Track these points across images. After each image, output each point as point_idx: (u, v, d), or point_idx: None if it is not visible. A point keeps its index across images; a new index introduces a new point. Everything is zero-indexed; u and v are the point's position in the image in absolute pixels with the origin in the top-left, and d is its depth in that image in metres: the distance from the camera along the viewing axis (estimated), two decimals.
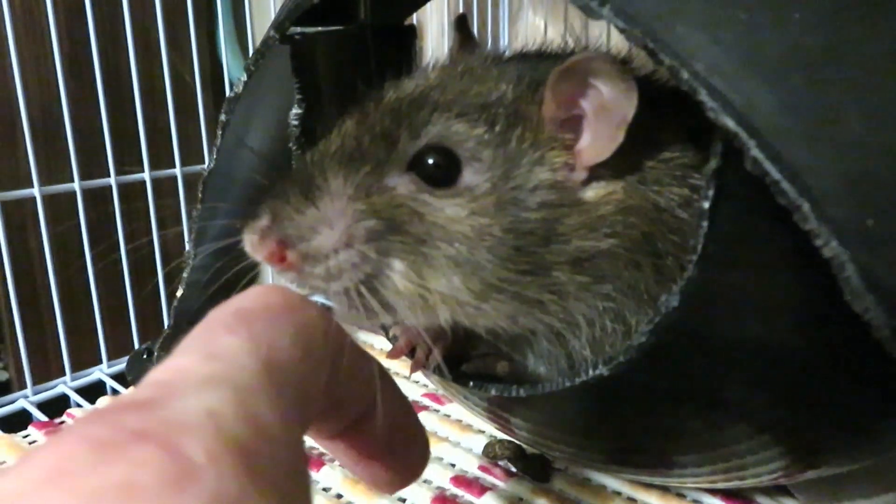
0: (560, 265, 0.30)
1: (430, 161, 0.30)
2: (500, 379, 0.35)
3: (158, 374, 0.16)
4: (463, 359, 0.38)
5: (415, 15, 0.59)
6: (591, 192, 0.30)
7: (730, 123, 0.20)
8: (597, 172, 0.30)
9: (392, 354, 0.39)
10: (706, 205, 0.23)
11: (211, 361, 0.16)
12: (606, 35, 0.86)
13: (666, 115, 0.31)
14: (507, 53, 0.38)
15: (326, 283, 0.30)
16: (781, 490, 0.43)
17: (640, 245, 0.30)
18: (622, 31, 0.22)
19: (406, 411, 0.25)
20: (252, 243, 0.31)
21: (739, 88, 0.21)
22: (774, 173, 0.20)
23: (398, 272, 0.30)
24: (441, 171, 0.30)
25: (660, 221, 0.30)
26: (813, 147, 0.20)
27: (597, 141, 0.30)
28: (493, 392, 0.33)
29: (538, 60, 0.35)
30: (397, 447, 0.24)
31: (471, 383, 0.34)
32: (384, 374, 0.23)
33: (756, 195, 0.23)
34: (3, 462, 0.46)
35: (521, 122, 0.30)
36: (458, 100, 0.31)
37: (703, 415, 0.31)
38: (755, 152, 0.20)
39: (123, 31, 0.58)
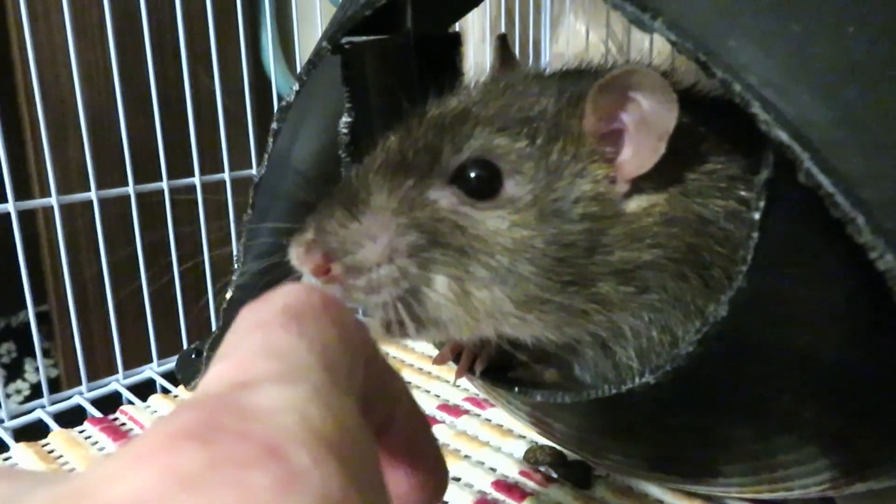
0: (604, 276, 0.30)
1: (472, 174, 0.31)
2: (545, 385, 0.36)
3: (230, 373, 0.16)
4: (507, 365, 0.38)
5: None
6: (634, 204, 0.31)
7: (783, 136, 0.21)
8: (639, 185, 0.30)
9: (438, 360, 0.40)
10: (757, 216, 0.23)
11: (278, 360, 0.16)
12: (650, 41, 0.86)
13: (709, 127, 0.31)
14: (547, 70, 0.39)
15: (367, 296, 0.31)
16: (828, 503, 0.43)
17: (686, 256, 0.30)
18: (674, 44, 0.22)
19: (423, 426, 0.24)
20: (297, 256, 0.32)
21: (793, 101, 0.21)
22: (828, 186, 0.20)
23: (440, 286, 0.30)
24: (483, 184, 0.31)
25: (705, 233, 0.30)
26: (867, 160, 0.21)
27: (638, 153, 0.30)
28: (538, 398, 0.33)
29: (579, 76, 0.36)
30: (414, 461, 0.23)
31: (516, 389, 0.34)
32: (405, 386, 0.23)
33: (807, 207, 0.24)
34: (61, 456, 0.48)
35: (563, 135, 0.31)
36: (499, 114, 0.32)
37: (751, 424, 0.31)
38: (809, 164, 0.20)
39: (168, 42, 0.59)
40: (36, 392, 1.15)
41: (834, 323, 0.27)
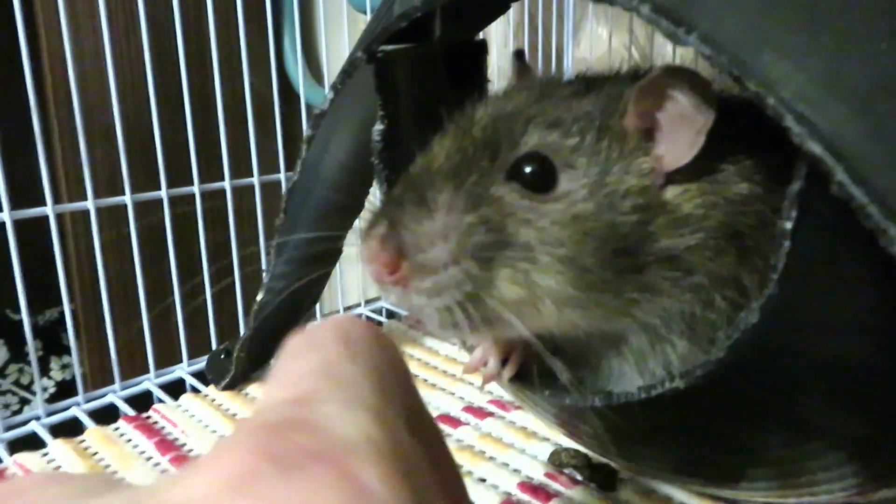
0: (652, 264, 0.32)
1: (529, 169, 0.32)
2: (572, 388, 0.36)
3: (291, 391, 0.16)
4: (531, 370, 0.39)
5: None
6: (670, 194, 0.32)
7: (816, 149, 0.21)
8: (673, 176, 0.32)
9: (469, 369, 0.40)
10: (788, 225, 0.24)
11: (337, 382, 0.17)
12: (673, 46, 0.86)
13: (734, 123, 0.32)
14: (572, 75, 0.40)
15: (429, 300, 0.31)
16: None
17: (721, 234, 0.32)
18: (708, 58, 0.23)
19: (452, 468, 0.23)
20: (371, 250, 0.32)
21: (826, 115, 0.21)
22: (860, 197, 0.21)
23: (506, 280, 0.31)
24: (539, 178, 0.32)
25: (736, 212, 0.32)
26: None
27: (677, 148, 0.32)
28: (567, 401, 0.34)
29: (612, 78, 0.37)
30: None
31: (546, 392, 0.35)
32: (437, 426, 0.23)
33: (838, 217, 0.24)
34: (97, 453, 0.49)
35: (608, 133, 0.33)
36: (549, 114, 0.34)
37: (778, 430, 0.32)
38: (841, 176, 0.21)
39: (194, 50, 0.61)
40: (62, 390, 1.17)
41: (863, 331, 0.27)
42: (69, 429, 0.54)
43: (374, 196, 0.59)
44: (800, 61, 0.22)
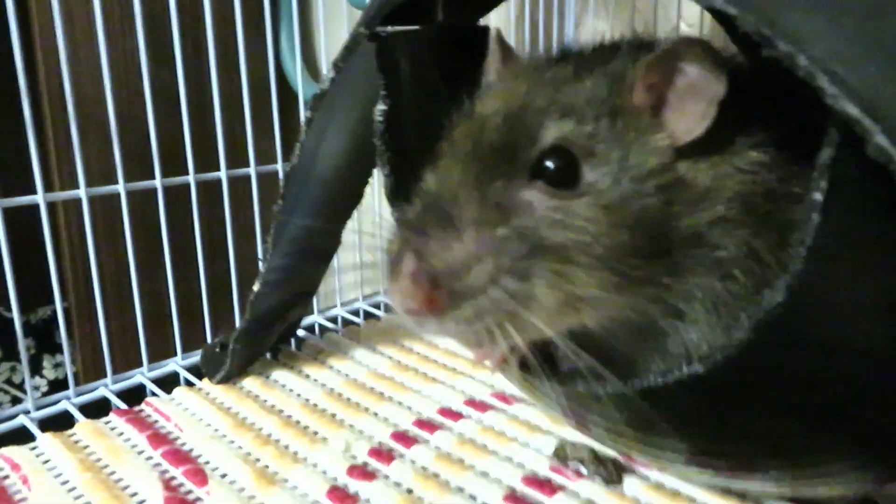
0: (678, 244, 0.31)
1: (552, 164, 0.31)
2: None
3: None
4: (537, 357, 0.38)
5: None
6: (683, 167, 0.31)
7: (852, 110, 0.20)
8: (685, 151, 0.31)
9: (479, 358, 0.39)
10: (819, 196, 0.22)
11: None
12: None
13: (741, 93, 0.31)
14: (555, 54, 0.39)
15: (469, 325, 0.29)
16: (867, 503, 0.42)
17: (738, 205, 0.31)
18: (735, 17, 0.22)
19: None
20: (404, 291, 0.29)
21: (862, 74, 0.20)
22: None
23: (545, 289, 0.29)
24: (564, 173, 0.30)
25: (750, 182, 0.31)
26: None
27: (688, 120, 0.31)
28: (580, 388, 0.33)
29: (608, 54, 0.36)
30: None
31: (556, 380, 0.34)
32: None
33: (870, 189, 0.23)
34: (87, 446, 0.48)
35: (620, 114, 0.31)
36: (557, 102, 0.32)
37: (797, 418, 0.31)
38: (880, 139, 0.20)
39: (189, 42, 0.59)
40: (54, 389, 1.15)
41: (891, 314, 0.26)
42: (61, 425, 0.52)
43: (376, 181, 0.58)
44: (832, 18, 0.21)
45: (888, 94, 0.20)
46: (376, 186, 0.64)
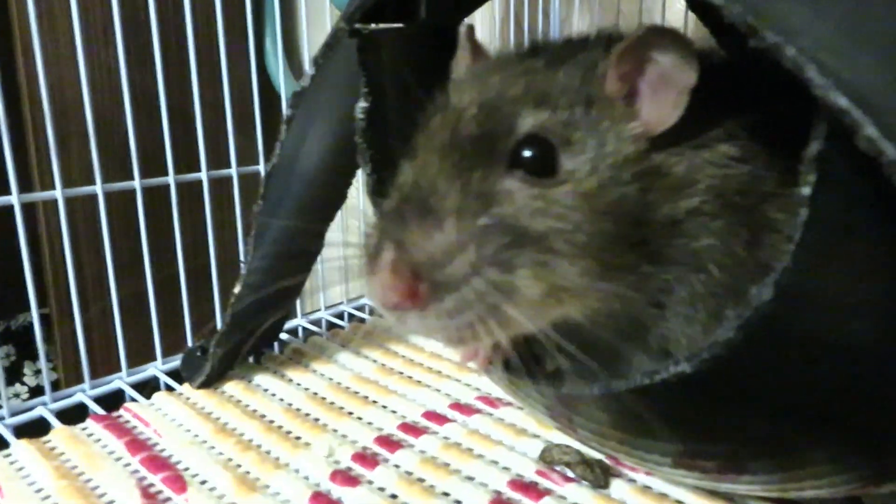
0: (657, 233, 0.30)
1: (529, 153, 0.30)
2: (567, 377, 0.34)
3: None
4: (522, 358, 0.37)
5: None
6: (659, 158, 0.31)
7: (842, 101, 0.19)
8: (659, 141, 0.31)
9: (466, 358, 0.38)
10: (807, 191, 0.22)
11: None
12: None
13: (716, 84, 0.31)
14: (525, 48, 0.38)
15: (451, 319, 0.28)
16: (855, 502, 0.41)
17: (714, 197, 0.31)
18: (721, 8, 0.21)
19: None
20: (383, 281, 0.28)
21: (851, 65, 0.20)
22: (891, 152, 0.19)
23: (527, 279, 0.29)
24: (541, 162, 0.30)
25: (725, 175, 0.31)
26: None
27: (661, 109, 0.31)
28: (564, 389, 0.32)
29: (578, 46, 0.36)
30: None
31: (542, 381, 0.33)
32: None
33: (857, 183, 0.22)
34: (63, 453, 0.47)
35: (594, 102, 0.31)
36: (531, 91, 0.32)
37: (785, 419, 0.30)
38: (870, 130, 0.19)
39: (172, 42, 0.58)
40: (35, 395, 1.13)
41: (880, 312, 0.26)
42: (38, 431, 0.51)
43: (358, 183, 0.58)
44: (820, 8, 0.20)
45: (878, 84, 0.20)
46: (361, 185, 0.63)
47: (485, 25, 0.93)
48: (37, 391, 1.16)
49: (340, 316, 0.74)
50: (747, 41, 0.22)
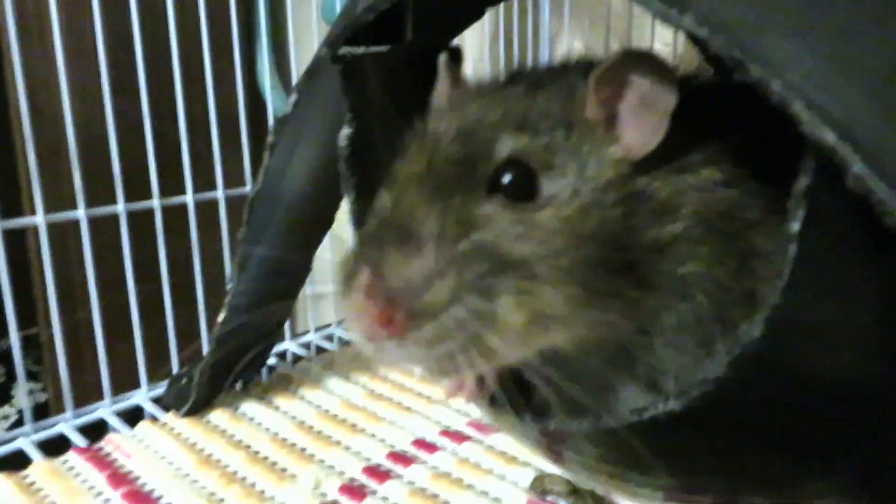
0: (643, 257, 0.30)
1: (509, 178, 0.29)
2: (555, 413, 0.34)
3: None
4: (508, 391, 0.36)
5: None
6: (642, 182, 0.31)
7: (829, 137, 0.19)
8: (642, 165, 0.31)
9: (451, 393, 0.37)
10: (796, 226, 0.21)
11: None
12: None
13: (697, 108, 0.31)
14: (504, 75, 0.38)
15: (430, 349, 0.27)
16: None
17: (697, 222, 0.30)
18: (706, 40, 0.20)
19: None
20: (357, 305, 0.27)
21: (839, 100, 0.19)
22: (881, 191, 0.18)
23: (510, 307, 0.28)
24: (521, 186, 0.29)
25: (708, 200, 0.31)
26: None
27: (642, 132, 0.30)
28: (552, 426, 0.31)
29: (558, 72, 0.36)
30: None
31: (528, 417, 0.32)
32: None
33: (847, 218, 0.22)
34: (42, 489, 0.45)
35: (574, 127, 0.31)
36: (511, 116, 0.31)
37: (779, 452, 0.29)
38: (859, 168, 0.19)
39: (161, 61, 0.58)
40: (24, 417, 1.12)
41: (871, 345, 0.25)
42: (19, 463, 0.50)
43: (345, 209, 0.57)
44: (807, 42, 0.20)
45: (867, 120, 0.19)
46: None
47: (474, 43, 0.92)
48: (23, 412, 1.14)
49: (330, 338, 0.73)
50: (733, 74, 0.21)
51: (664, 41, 0.87)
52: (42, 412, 0.55)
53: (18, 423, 0.54)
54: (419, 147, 0.32)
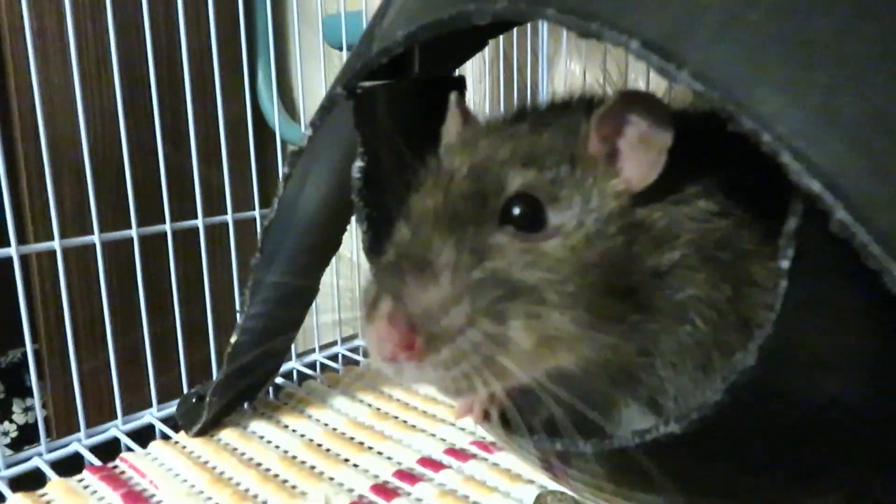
0: (643, 285, 0.32)
1: (518, 210, 0.31)
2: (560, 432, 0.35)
3: None
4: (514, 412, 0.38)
5: None
6: (642, 214, 0.33)
7: (815, 186, 0.21)
8: (641, 198, 0.33)
9: (460, 413, 0.39)
10: (785, 264, 0.23)
11: None
12: (646, 82, 0.87)
13: (691, 143, 0.33)
14: (511, 114, 0.40)
15: (447, 371, 0.29)
16: None
17: (692, 248, 0.32)
18: (700, 94, 0.22)
19: None
20: (380, 332, 0.29)
21: (824, 151, 0.21)
22: (863, 236, 0.20)
23: (520, 330, 0.30)
24: (530, 218, 0.31)
25: (704, 230, 0.32)
26: None
27: (641, 168, 0.32)
28: (558, 446, 0.33)
29: (561, 110, 0.38)
30: None
31: (535, 437, 0.33)
32: None
33: (834, 254, 0.23)
34: None
35: (578, 162, 0.33)
36: (520, 154, 0.33)
37: (775, 473, 0.31)
38: (842, 215, 0.20)
39: (167, 86, 0.59)
40: (24, 434, 1.13)
41: (861, 372, 0.27)
42: (32, 481, 0.51)
43: (353, 235, 0.58)
44: (795, 96, 0.21)
45: (851, 170, 0.21)
46: (354, 233, 0.64)
47: (475, 66, 0.94)
48: (26, 429, 1.15)
49: (334, 358, 0.75)
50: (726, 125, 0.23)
51: None
52: (45, 430, 0.56)
53: (19, 439, 0.55)
54: (434, 183, 0.34)
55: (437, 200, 0.33)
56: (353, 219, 0.50)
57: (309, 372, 0.71)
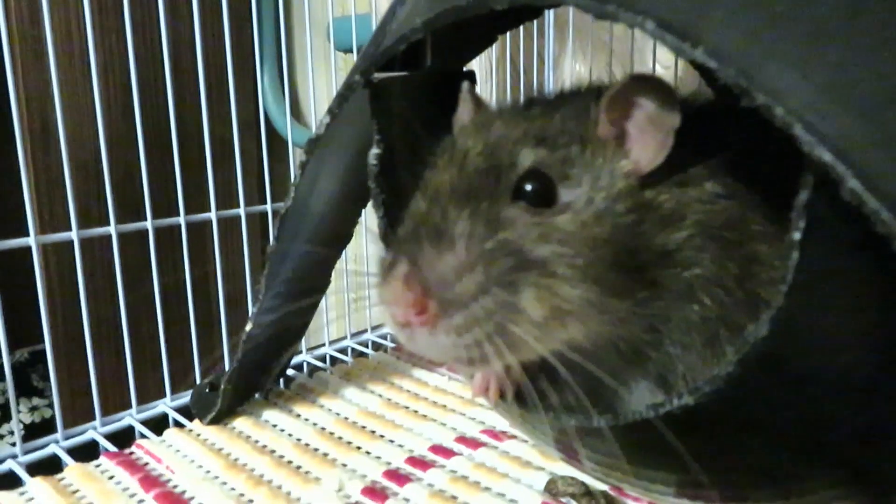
0: (652, 262, 0.33)
1: (531, 186, 0.33)
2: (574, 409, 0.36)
3: None
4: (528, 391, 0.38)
5: None
6: (650, 194, 0.34)
7: (826, 156, 0.21)
8: (649, 179, 0.34)
9: (477, 391, 0.40)
10: (797, 236, 0.24)
11: None
12: None
13: (707, 129, 0.35)
14: (525, 101, 0.42)
15: (459, 337, 0.30)
16: None
17: (700, 230, 0.34)
18: (714, 71, 0.23)
19: None
20: (395, 293, 0.30)
21: (834, 123, 0.22)
22: (873, 202, 0.21)
23: (531, 300, 0.31)
24: (541, 194, 0.33)
25: (710, 211, 0.34)
26: None
27: (649, 149, 0.34)
28: (573, 422, 0.33)
29: (571, 96, 0.40)
30: None
31: (551, 413, 0.34)
32: None
33: (845, 227, 0.24)
34: (78, 490, 0.47)
35: (588, 143, 0.34)
36: (533, 134, 0.35)
37: (785, 448, 0.32)
38: (853, 183, 0.21)
39: (177, 77, 0.60)
40: (31, 432, 1.13)
41: (868, 345, 0.28)
42: (48, 468, 0.52)
43: (367, 221, 0.59)
44: (806, 72, 0.22)
45: (859, 141, 0.22)
46: (364, 224, 0.65)
47: (481, 65, 0.95)
48: (32, 428, 1.16)
49: (344, 351, 0.75)
50: (739, 99, 0.24)
51: (664, 64, 0.90)
52: (48, 429, 0.56)
53: (24, 437, 0.55)
54: (449, 159, 0.35)
55: (452, 175, 0.34)
56: (364, 212, 0.51)
57: (320, 364, 0.72)
